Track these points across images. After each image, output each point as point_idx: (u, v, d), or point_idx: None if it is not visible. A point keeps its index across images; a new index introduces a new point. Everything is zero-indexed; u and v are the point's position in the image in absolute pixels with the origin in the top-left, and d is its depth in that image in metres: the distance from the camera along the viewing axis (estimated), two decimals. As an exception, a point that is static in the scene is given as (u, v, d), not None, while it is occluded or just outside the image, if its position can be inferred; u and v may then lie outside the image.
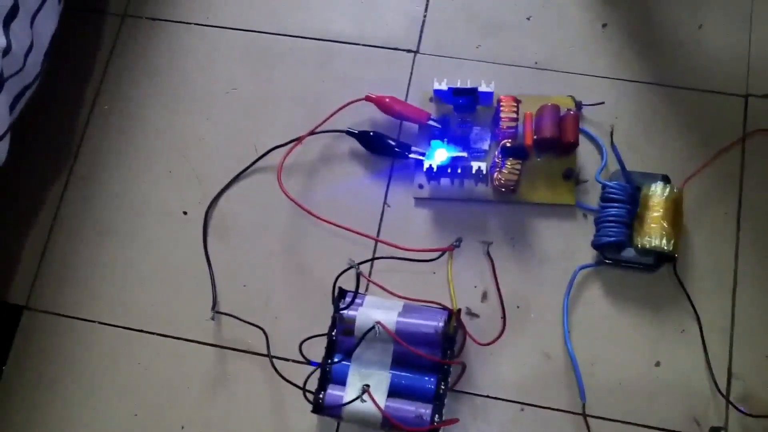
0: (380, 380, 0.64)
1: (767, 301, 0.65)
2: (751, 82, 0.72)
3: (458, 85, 0.69)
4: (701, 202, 0.69)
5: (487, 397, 0.66)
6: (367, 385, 0.62)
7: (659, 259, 0.66)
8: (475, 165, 0.67)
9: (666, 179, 0.67)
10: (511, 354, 0.67)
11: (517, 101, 0.68)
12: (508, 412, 0.66)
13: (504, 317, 0.65)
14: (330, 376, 0.65)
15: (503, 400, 0.66)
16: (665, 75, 0.73)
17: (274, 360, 0.67)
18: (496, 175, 0.68)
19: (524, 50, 0.76)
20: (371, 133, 0.73)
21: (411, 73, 0.76)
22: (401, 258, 0.66)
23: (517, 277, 0.69)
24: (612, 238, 0.65)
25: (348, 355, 0.65)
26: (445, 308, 0.65)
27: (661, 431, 0.63)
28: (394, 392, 0.64)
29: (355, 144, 0.74)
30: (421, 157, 0.70)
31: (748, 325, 0.65)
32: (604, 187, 0.68)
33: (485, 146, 0.71)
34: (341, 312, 0.64)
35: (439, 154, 0.68)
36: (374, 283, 0.68)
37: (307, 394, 0.63)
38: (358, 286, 0.63)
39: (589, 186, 0.70)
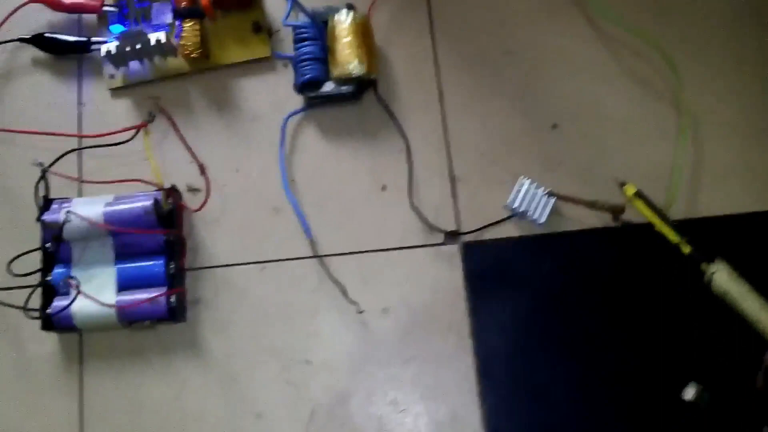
0: (107, 277, 0.61)
1: (472, 104, 0.67)
2: None
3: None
4: (392, 22, 0.69)
5: (225, 266, 0.64)
6: (72, 277, 0.58)
7: (360, 86, 0.65)
8: (153, 37, 0.63)
9: (350, 7, 0.65)
10: (239, 218, 0.65)
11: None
12: (249, 274, 0.64)
13: (206, 179, 0.65)
14: (57, 288, 0.61)
15: (241, 264, 0.63)
16: None
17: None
18: (180, 42, 0.64)
19: None
20: (45, 35, 0.68)
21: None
22: (93, 146, 0.63)
23: (231, 142, 0.67)
24: (308, 75, 0.64)
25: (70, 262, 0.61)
26: (159, 189, 0.62)
27: (400, 250, 0.64)
28: (125, 285, 0.61)
29: (35, 52, 0.69)
30: (104, 47, 0.66)
31: (460, 129, 0.66)
32: (293, 29, 0.65)
33: (168, 20, 0.68)
34: (44, 218, 0.60)
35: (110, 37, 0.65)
36: (76, 180, 0.66)
37: (32, 313, 0.59)
38: (47, 187, 0.61)
39: (283, 34, 0.68)
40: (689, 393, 0.57)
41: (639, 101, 0.65)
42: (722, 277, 0.57)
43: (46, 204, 0.62)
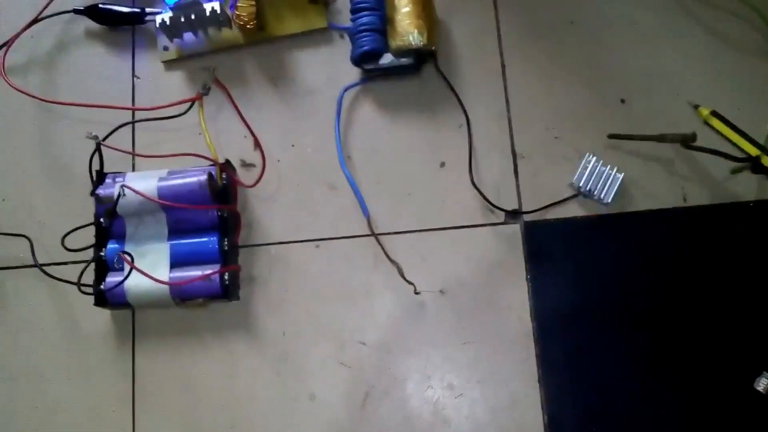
0: (160, 253, 0.61)
1: (535, 77, 0.63)
2: None
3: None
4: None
5: (280, 243, 0.62)
6: (127, 253, 0.56)
7: (419, 58, 0.63)
8: (207, 7, 0.61)
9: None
10: (294, 195, 0.64)
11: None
12: (304, 252, 0.62)
13: (261, 154, 0.63)
14: (109, 264, 0.60)
15: (296, 241, 0.62)
16: None
17: (47, 267, 0.62)
18: (235, 12, 0.62)
19: None
20: (99, 6, 0.67)
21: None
22: (147, 119, 0.61)
23: (287, 115, 0.65)
24: (366, 47, 0.62)
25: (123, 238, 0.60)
26: (213, 163, 0.60)
27: (459, 229, 0.61)
28: (178, 262, 0.60)
29: (89, 23, 0.69)
30: (158, 17, 0.64)
31: (522, 104, 0.63)
32: (351, 0, 0.62)
33: (224, -11, 0.65)
34: (98, 192, 0.58)
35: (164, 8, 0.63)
36: (130, 153, 0.65)
37: (86, 288, 0.58)
38: (101, 161, 0.60)
39: (340, 4, 0.66)
40: (762, 383, 0.54)
41: (721, 66, 0.60)
42: None
43: (100, 178, 0.61)
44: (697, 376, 0.56)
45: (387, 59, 0.62)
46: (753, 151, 0.56)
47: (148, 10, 0.66)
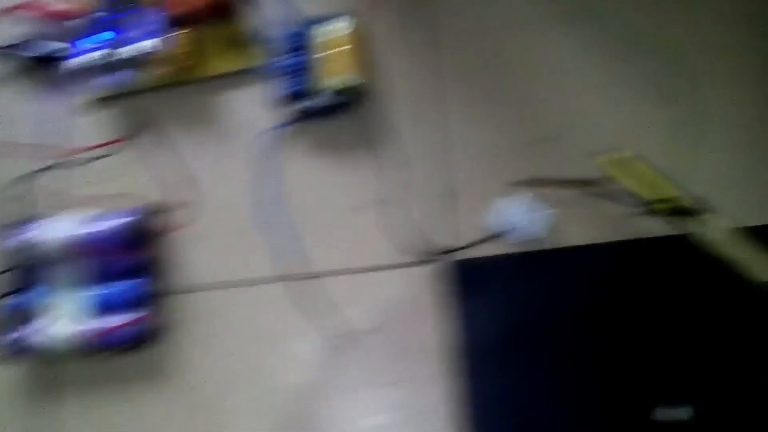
0: (80, 300, 0.59)
1: (469, 115, 0.63)
2: None
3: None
4: (390, 30, 0.65)
5: (204, 287, 0.62)
6: (44, 302, 0.55)
7: (350, 97, 0.62)
8: (138, 46, 0.61)
9: (345, 16, 0.62)
10: (220, 237, 0.63)
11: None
12: (228, 295, 0.62)
13: (188, 196, 0.62)
14: (27, 313, 0.59)
15: (221, 285, 0.62)
16: None
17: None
18: (166, 52, 0.62)
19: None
20: (27, 43, 0.67)
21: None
22: (74, 160, 0.60)
23: (214, 156, 0.64)
24: (293, 88, 0.61)
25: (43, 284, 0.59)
26: (140, 205, 0.59)
27: (382, 269, 0.60)
28: (99, 309, 0.59)
29: (17, 61, 0.68)
30: (86, 55, 0.63)
31: (452, 143, 0.62)
32: (281, 39, 0.62)
33: (155, 29, 0.65)
34: (14, 239, 0.58)
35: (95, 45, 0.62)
36: (56, 195, 0.63)
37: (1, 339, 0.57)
38: (24, 204, 0.60)
39: (271, 44, 0.65)
40: (669, 413, 0.54)
41: (647, 109, 0.60)
42: (717, 225, 0.54)
43: (19, 223, 0.59)
44: (622, 412, 0.56)
45: (318, 99, 0.61)
46: (673, 193, 0.56)
47: (78, 48, 0.64)
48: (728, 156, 0.58)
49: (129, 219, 0.56)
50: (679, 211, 0.54)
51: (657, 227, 0.57)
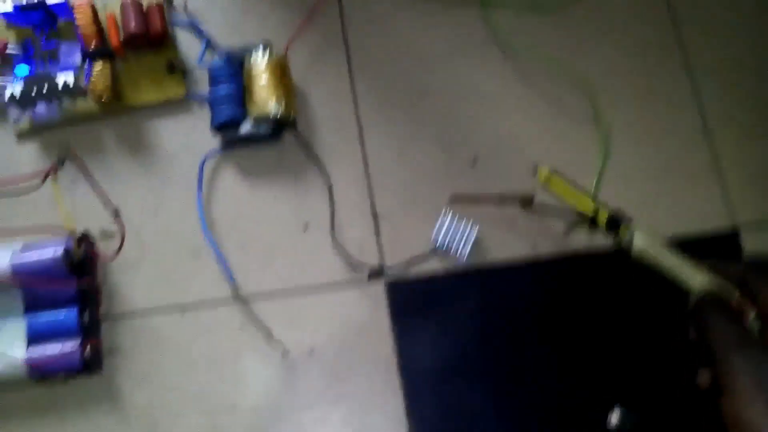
0: (15, 330, 0.59)
1: (392, 141, 0.67)
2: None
3: (24, 2, 0.63)
4: (310, 61, 0.69)
5: (144, 313, 0.63)
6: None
7: (279, 125, 0.64)
8: (60, 79, 0.61)
9: (267, 46, 0.64)
10: (157, 263, 0.64)
11: (93, 5, 0.65)
12: (169, 320, 0.63)
13: (121, 224, 0.63)
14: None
15: (160, 310, 0.62)
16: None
17: None
18: (89, 83, 0.62)
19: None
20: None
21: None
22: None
23: (148, 184, 0.65)
24: (224, 116, 0.62)
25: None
26: (71, 236, 0.60)
27: (324, 289, 0.63)
28: (36, 338, 0.59)
29: None
30: (8, 89, 0.63)
31: (381, 167, 0.66)
32: (207, 69, 0.64)
33: (77, 61, 0.65)
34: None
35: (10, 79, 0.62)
36: None
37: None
38: None
39: (198, 74, 0.66)
40: (613, 418, 0.58)
41: (558, 130, 0.66)
42: (641, 236, 0.56)
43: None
44: (566, 423, 0.60)
45: (246, 127, 0.64)
46: (590, 208, 0.60)
47: (-3, 81, 0.64)
48: (636, 169, 0.65)
49: (59, 248, 0.57)
50: (604, 223, 0.59)
51: (587, 240, 0.63)
